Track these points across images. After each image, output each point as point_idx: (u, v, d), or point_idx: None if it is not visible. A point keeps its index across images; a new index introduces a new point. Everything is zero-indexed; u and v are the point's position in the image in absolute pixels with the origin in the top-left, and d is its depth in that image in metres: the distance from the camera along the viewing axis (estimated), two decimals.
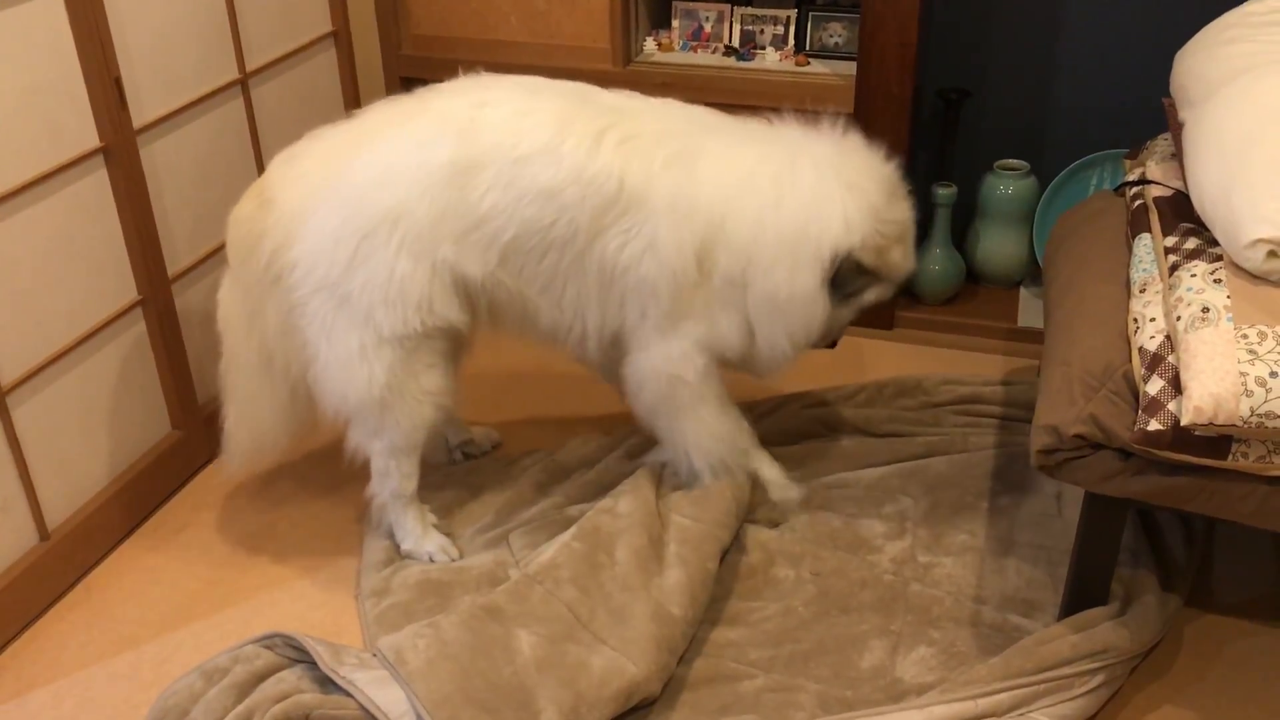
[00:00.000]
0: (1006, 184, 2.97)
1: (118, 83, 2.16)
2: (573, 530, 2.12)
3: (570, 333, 2.14)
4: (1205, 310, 1.71)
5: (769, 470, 2.35)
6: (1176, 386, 1.68)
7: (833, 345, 2.34)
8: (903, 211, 2.12)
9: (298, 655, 1.94)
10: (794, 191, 2.03)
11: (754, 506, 2.29)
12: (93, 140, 2.16)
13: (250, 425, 2.21)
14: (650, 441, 2.47)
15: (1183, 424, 1.63)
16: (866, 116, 2.76)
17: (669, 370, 2.11)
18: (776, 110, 2.16)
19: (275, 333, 2.07)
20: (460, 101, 2.02)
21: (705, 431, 2.20)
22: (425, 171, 1.94)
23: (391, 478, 2.17)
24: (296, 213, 1.97)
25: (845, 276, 2.07)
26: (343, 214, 1.94)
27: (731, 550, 2.21)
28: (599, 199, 1.98)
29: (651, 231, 2.00)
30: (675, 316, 2.06)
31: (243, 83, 2.55)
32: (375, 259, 1.95)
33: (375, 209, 1.94)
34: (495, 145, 1.96)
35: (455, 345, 2.18)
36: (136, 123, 2.24)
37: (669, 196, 1.99)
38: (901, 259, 2.13)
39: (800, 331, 2.12)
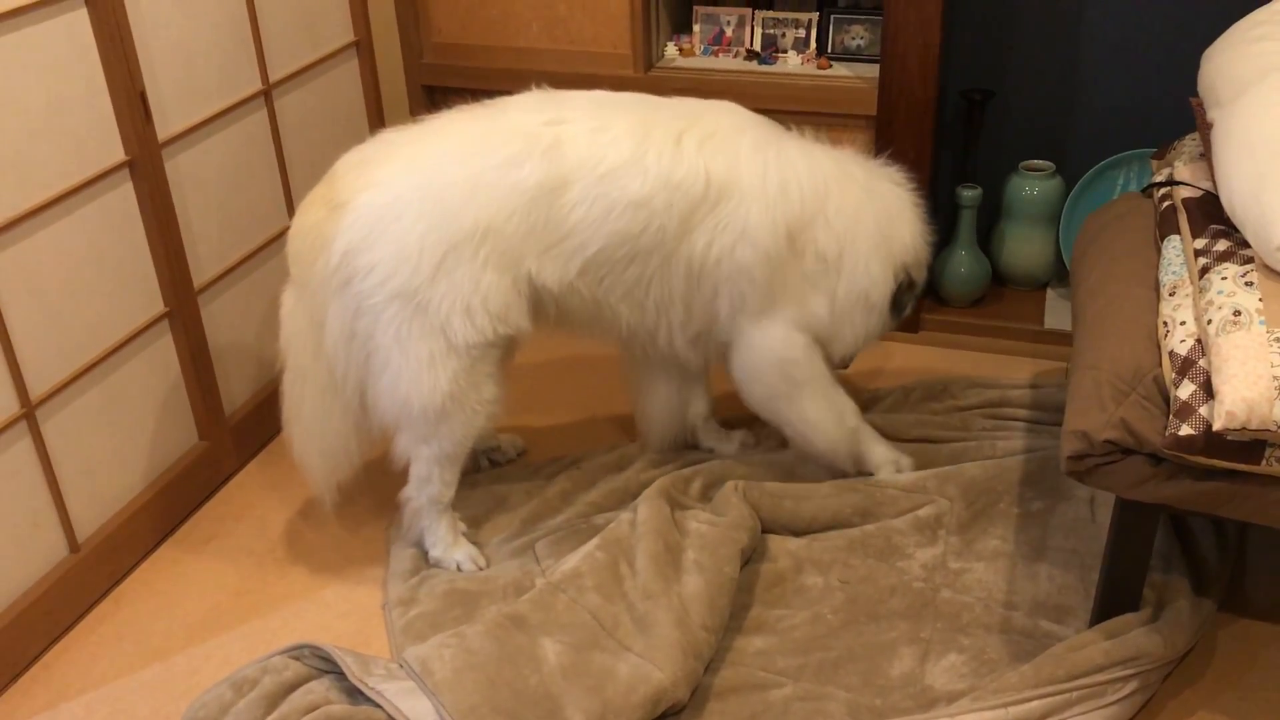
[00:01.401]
0: (1032, 185, 2.95)
1: (142, 97, 2.18)
2: (596, 539, 2.13)
3: (651, 334, 2.18)
4: (1237, 313, 1.69)
5: (878, 450, 2.38)
6: (1208, 391, 1.66)
7: (845, 366, 2.42)
8: (928, 233, 2.30)
9: (326, 666, 1.95)
10: (879, 190, 2.18)
11: (775, 516, 2.27)
12: (118, 154, 2.17)
13: (320, 444, 2.19)
14: (674, 450, 2.47)
15: (1215, 429, 1.61)
16: (890, 118, 2.74)
17: (779, 354, 2.16)
18: (800, 115, 2.19)
19: (339, 338, 2.04)
20: (536, 118, 2.03)
21: (825, 406, 2.25)
22: (517, 192, 1.97)
23: (433, 484, 2.18)
24: (376, 218, 1.96)
25: (904, 287, 2.24)
26: (427, 224, 1.95)
27: (759, 558, 2.20)
28: (687, 201, 2.02)
29: (743, 217, 2.05)
30: (771, 298, 2.11)
31: (266, 94, 2.56)
32: (460, 270, 1.96)
33: (464, 222, 1.95)
34: (580, 163, 1.99)
35: (508, 354, 2.19)
36: (161, 136, 2.25)
37: (758, 177, 2.05)
38: (924, 277, 2.33)
39: (861, 336, 2.25)
